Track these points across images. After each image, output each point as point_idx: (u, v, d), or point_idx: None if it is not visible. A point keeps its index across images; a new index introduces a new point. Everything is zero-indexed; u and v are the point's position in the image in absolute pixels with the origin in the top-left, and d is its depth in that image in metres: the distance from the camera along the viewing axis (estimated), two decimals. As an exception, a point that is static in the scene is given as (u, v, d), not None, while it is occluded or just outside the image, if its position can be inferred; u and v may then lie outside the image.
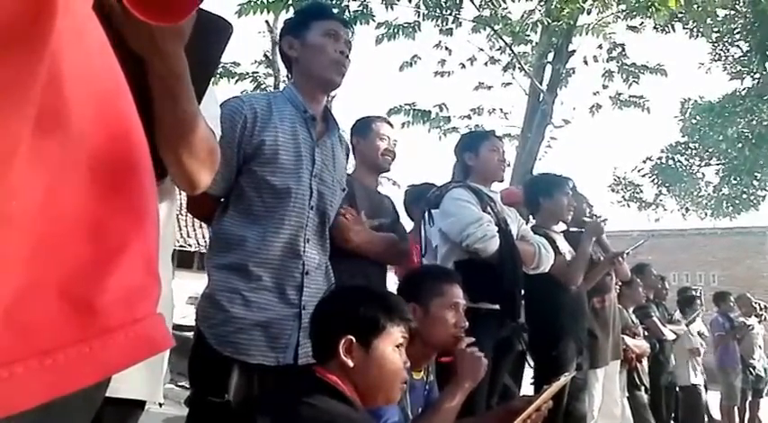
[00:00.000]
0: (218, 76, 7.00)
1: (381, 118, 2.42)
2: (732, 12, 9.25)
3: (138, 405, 0.98)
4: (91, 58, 0.36)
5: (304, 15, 1.66)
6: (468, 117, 7.62)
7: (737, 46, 10.46)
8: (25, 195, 0.30)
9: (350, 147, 1.81)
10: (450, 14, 6.59)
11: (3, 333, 0.30)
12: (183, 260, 13.98)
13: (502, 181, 2.55)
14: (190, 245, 13.78)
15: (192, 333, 1.53)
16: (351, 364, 1.22)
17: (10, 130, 0.29)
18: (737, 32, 9.92)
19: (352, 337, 1.24)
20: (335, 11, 5.95)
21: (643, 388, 3.97)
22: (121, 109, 0.38)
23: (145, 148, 0.40)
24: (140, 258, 0.38)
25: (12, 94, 0.29)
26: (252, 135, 1.49)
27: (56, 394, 0.31)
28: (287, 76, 1.72)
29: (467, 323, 1.69)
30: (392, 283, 2.58)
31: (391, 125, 2.38)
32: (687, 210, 12.64)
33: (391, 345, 1.27)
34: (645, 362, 4.02)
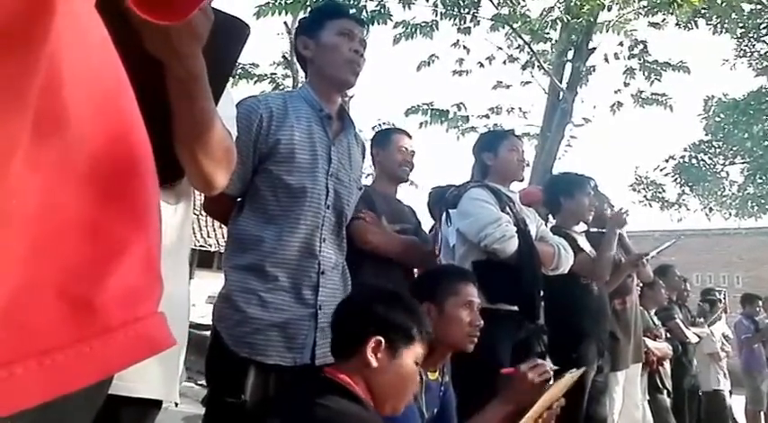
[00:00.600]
0: (237, 77, 7.07)
1: (400, 130, 2.48)
2: (758, 6, 9.05)
3: (155, 405, 0.98)
4: (91, 57, 0.36)
5: (318, 15, 1.65)
6: (487, 116, 7.58)
7: (763, 41, 10.25)
8: (24, 195, 0.30)
9: (365, 146, 1.81)
10: (468, 13, 6.56)
11: (1, 333, 0.29)
12: (203, 260, 14.13)
13: (522, 181, 2.52)
14: (210, 245, 13.93)
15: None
16: (374, 364, 1.22)
17: (8, 131, 0.28)
18: (763, 27, 9.72)
19: (381, 339, 1.23)
20: (352, 11, 5.96)
21: (665, 391, 3.90)
22: (122, 108, 0.38)
23: (147, 147, 0.40)
24: (141, 258, 0.38)
25: (9, 95, 0.29)
26: (268, 134, 1.49)
27: (55, 394, 0.31)
28: (305, 77, 1.73)
29: (482, 322, 1.67)
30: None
31: (410, 136, 2.43)
32: (711, 209, 12.42)
33: (414, 358, 1.28)
34: (667, 365, 3.95)
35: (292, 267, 1.46)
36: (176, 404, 1.05)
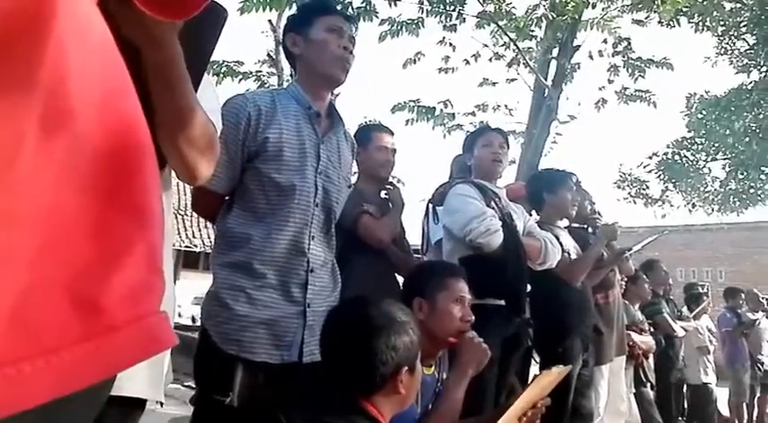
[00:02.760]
0: (221, 74, 7.01)
1: (380, 127, 2.45)
2: (738, 5, 9.19)
3: (139, 405, 0.97)
4: (95, 56, 0.37)
5: (307, 11, 1.65)
6: (473, 114, 7.61)
7: (744, 39, 10.39)
8: (31, 194, 0.31)
9: (354, 144, 1.80)
10: (454, 10, 6.58)
11: (10, 332, 0.30)
12: (189, 260, 13.98)
13: (496, 175, 2.48)
14: (195, 245, 13.79)
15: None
16: (403, 392, 1.22)
17: (14, 129, 0.29)
18: (744, 25, 9.86)
19: (407, 366, 1.23)
20: (339, 8, 5.93)
21: (649, 384, 3.95)
22: (126, 107, 0.38)
23: (150, 146, 0.40)
24: (144, 257, 0.38)
25: (14, 91, 0.29)
26: (256, 132, 1.48)
27: (62, 392, 0.31)
28: (290, 75, 1.72)
29: (473, 317, 1.69)
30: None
31: (391, 133, 2.41)
32: (694, 205, 12.56)
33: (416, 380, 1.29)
34: (651, 358, 4.00)
35: (281, 265, 1.46)
36: (161, 404, 1.04)
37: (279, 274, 1.46)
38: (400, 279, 2.23)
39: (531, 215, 2.85)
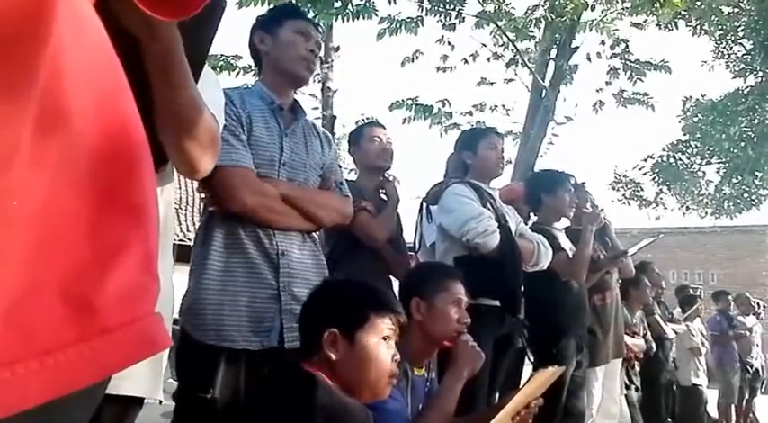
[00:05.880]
0: (219, 68, 6.97)
1: (371, 123, 2.53)
2: (736, 9, 9.22)
3: (137, 401, 0.97)
4: (91, 55, 0.36)
5: (278, 13, 1.74)
6: (470, 113, 7.61)
7: (741, 44, 10.42)
8: (26, 195, 0.30)
9: (329, 136, 1.84)
10: (453, 9, 6.57)
11: (4, 333, 0.30)
12: (183, 254, 13.90)
13: (497, 177, 2.52)
14: (189, 239, 13.71)
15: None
16: (334, 357, 1.22)
17: (10, 129, 0.29)
18: (741, 30, 9.89)
19: (335, 330, 1.23)
20: (338, 5, 5.92)
21: (633, 387, 3.96)
22: (122, 107, 0.38)
23: (145, 146, 0.40)
24: (139, 257, 0.38)
25: (12, 93, 0.29)
26: None
27: (57, 394, 0.31)
28: (258, 73, 1.77)
29: (469, 319, 1.70)
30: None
31: (383, 126, 2.44)
32: (688, 208, 12.61)
33: (376, 337, 1.25)
34: (637, 361, 3.99)
35: (249, 251, 1.49)
36: (160, 402, 1.04)
37: (249, 261, 1.49)
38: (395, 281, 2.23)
39: (529, 217, 2.86)
